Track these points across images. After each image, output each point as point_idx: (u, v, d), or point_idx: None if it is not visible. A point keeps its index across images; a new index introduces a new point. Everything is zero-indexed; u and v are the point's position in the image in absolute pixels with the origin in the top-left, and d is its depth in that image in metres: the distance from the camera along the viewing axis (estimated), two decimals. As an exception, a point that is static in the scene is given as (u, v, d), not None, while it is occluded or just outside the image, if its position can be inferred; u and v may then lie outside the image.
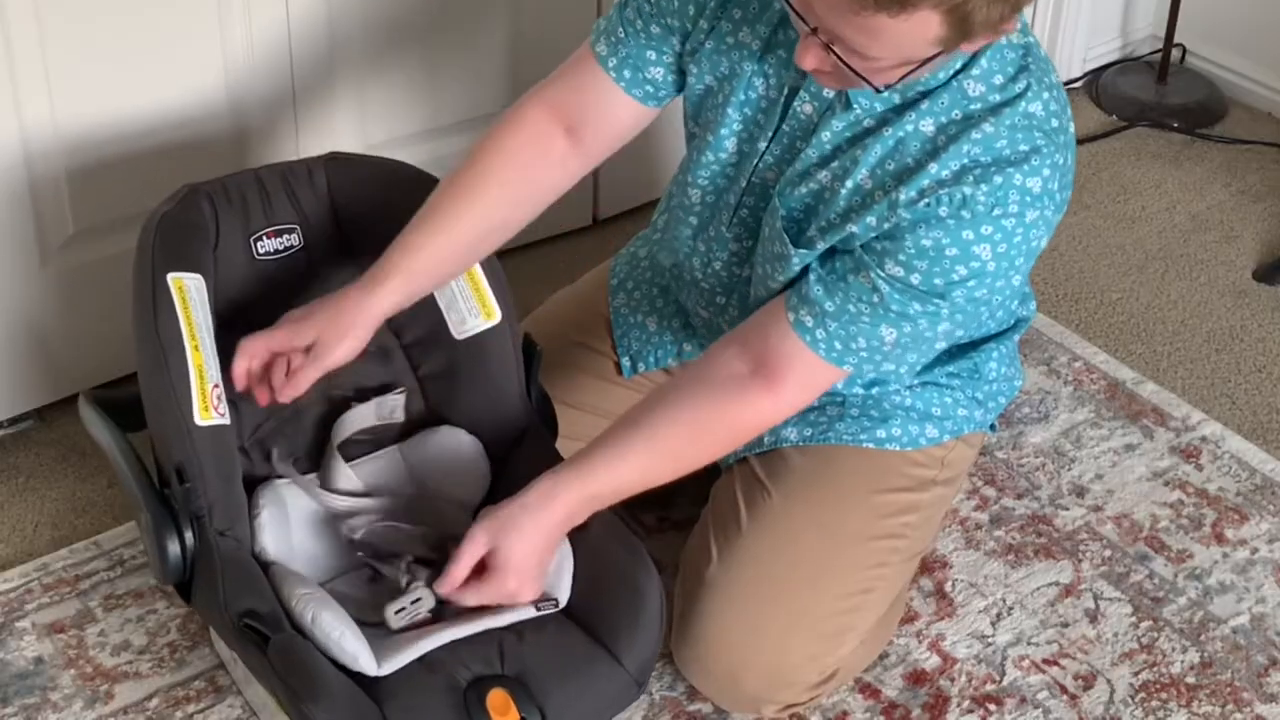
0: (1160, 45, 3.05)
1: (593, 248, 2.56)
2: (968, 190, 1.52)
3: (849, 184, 1.60)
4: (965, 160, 1.54)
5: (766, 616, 1.74)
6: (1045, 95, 1.56)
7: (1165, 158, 2.91)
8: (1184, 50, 3.09)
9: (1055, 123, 1.56)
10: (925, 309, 1.57)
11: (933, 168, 1.54)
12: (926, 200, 1.54)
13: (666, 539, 2.00)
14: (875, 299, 1.58)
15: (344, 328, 1.63)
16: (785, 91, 1.65)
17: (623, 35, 1.71)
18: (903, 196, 1.55)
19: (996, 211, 1.53)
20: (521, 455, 1.79)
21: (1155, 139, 2.96)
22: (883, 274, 1.57)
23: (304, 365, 1.63)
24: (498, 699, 1.55)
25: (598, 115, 1.75)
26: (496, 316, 1.79)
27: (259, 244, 1.77)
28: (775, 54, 1.65)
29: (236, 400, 1.74)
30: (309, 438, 1.82)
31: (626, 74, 1.73)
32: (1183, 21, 2.99)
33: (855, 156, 1.60)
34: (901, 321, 1.59)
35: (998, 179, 1.52)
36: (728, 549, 1.78)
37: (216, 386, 1.65)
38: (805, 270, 1.65)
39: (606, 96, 1.74)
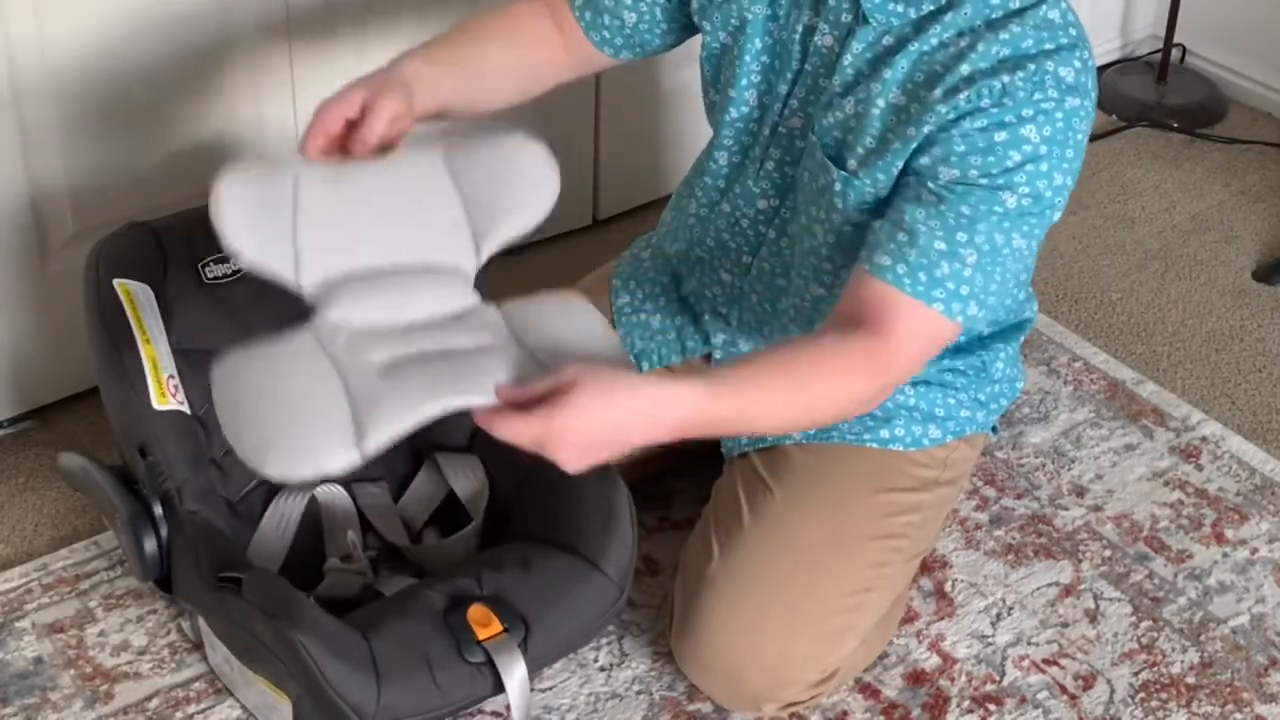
0: (1160, 45, 3.05)
1: (593, 248, 2.56)
2: (1005, 78, 1.55)
3: (881, 104, 1.62)
4: (995, 60, 1.57)
5: (768, 614, 1.74)
6: (1063, 4, 1.61)
7: (1165, 158, 2.91)
8: (1184, 50, 3.09)
9: (1074, 30, 1.60)
10: (992, 207, 1.56)
11: (964, 67, 1.57)
12: (966, 94, 1.56)
13: (666, 538, 2.00)
14: (942, 208, 1.56)
15: (383, 86, 1.64)
16: (801, 30, 1.67)
17: None
18: (937, 93, 1.57)
19: (1037, 96, 1.55)
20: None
21: (1155, 139, 2.96)
22: (940, 183, 1.57)
23: (363, 123, 1.62)
24: (478, 613, 1.57)
25: (573, 35, 1.82)
26: None
27: (207, 269, 1.81)
28: None
29: (205, 420, 1.77)
30: None
31: (589, 15, 1.79)
32: (1183, 21, 2.99)
33: (883, 77, 1.61)
34: (975, 228, 1.56)
35: (1032, 66, 1.55)
36: (729, 547, 1.78)
37: (172, 378, 1.69)
38: (860, 230, 1.66)
39: (574, 26, 1.81)
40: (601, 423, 1.41)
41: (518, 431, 1.41)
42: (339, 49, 2.20)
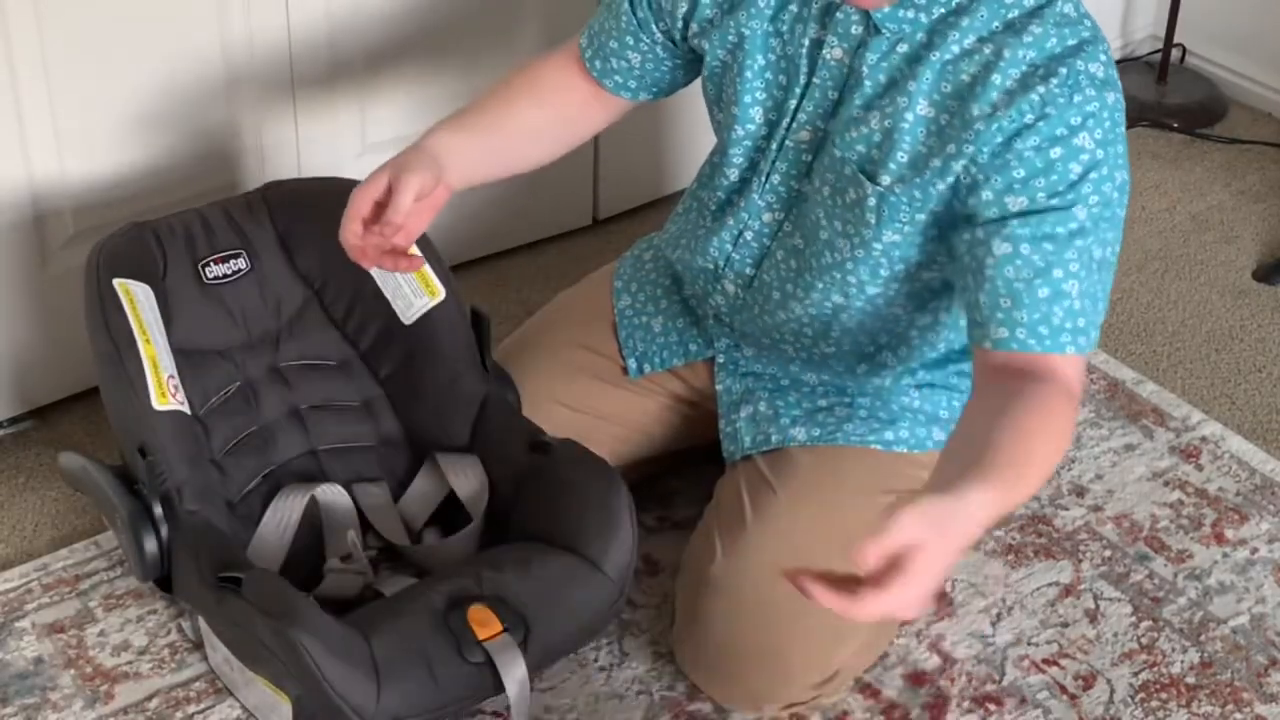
0: (1160, 45, 3.05)
1: (593, 248, 2.56)
2: (1041, 89, 1.55)
3: (910, 117, 1.61)
4: (1024, 66, 1.56)
5: (770, 614, 1.74)
6: None
7: (1165, 158, 2.91)
8: (1184, 50, 3.09)
9: (1089, 22, 1.60)
10: (1069, 227, 1.55)
11: (995, 78, 1.56)
12: (1006, 112, 1.55)
13: (667, 538, 2.00)
14: (1025, 252, 1.55)
15: (408, 162, 1.68)
16: (808, 43, 1.67)
17: (608, 26, 1.80)
18: (973, 110, 1.56)
19: (1077, 98, 1.55)
20: (487, 424, 1.84)
21: (1155, 139, 2.96)
22: (1012, 220, 1.56)
23: (390, 202, 1.65)
24: (478, 613, 1.58)
25: (599, 93, 1.86)
26: (440, 293, 1.84)
27: (207, 269, 1.83)
28: (788, 9, 1.67)
29: (204, 419, 1.77)
30: (278, 452, 1.84)
31: (598, 64, 1.82)
32: (1183, 21, 2.99)
33: (908, 90, 1.61)
34: (1064, 259, 1.55)
35: (1063, 70, 1.55)
36: (732, 546, 1.78)
37: (172, 378, 1.71)
38: (888, 247, 1.66)
39: (591, 80, 1.85)
40: (947, 564, 1.38)
41: (886, 608, 1.35)
42: (340, 58, 2.20)
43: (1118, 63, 3.10)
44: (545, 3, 2.34)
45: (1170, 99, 3.01)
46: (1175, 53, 3.07)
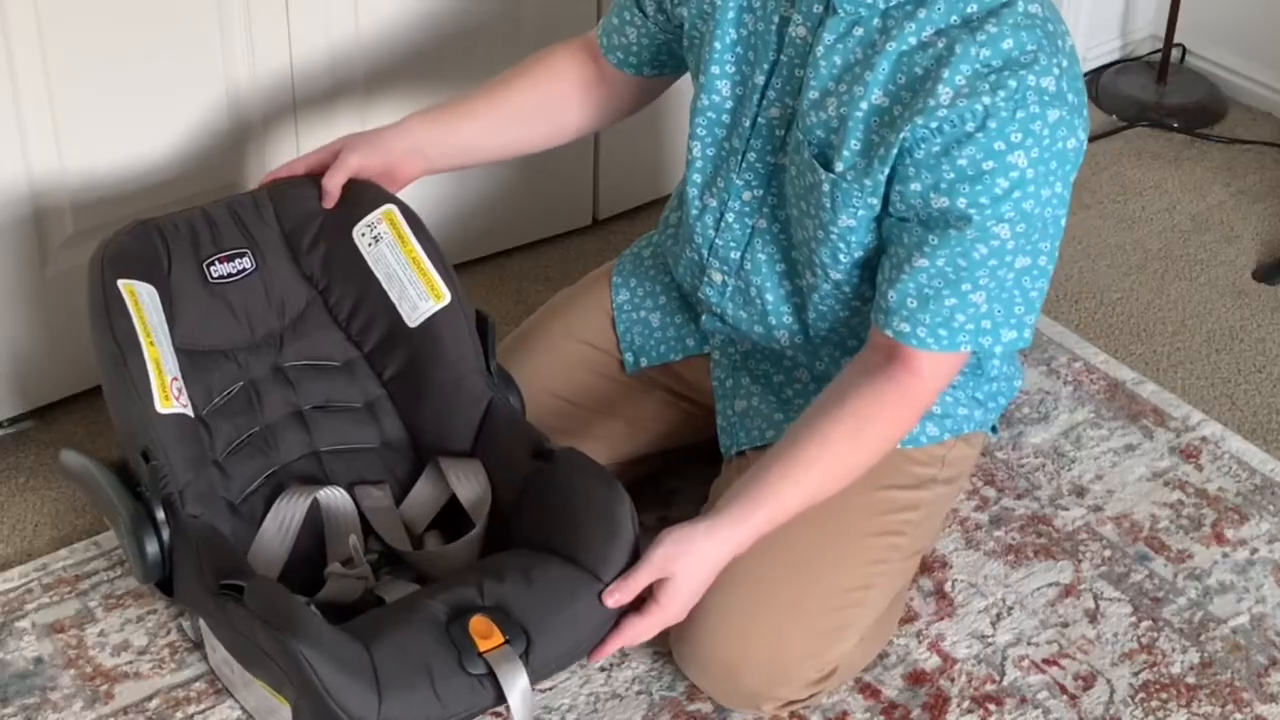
0: (1160, 45, 3.05)
1: (593, 248, 2.57)
2: (987, 100, 1.55)
3: (864, 106, 1.62)
4: (977, 64, 1.56)
5: (764, 611, 1.74)
6: None
7: (1165, 158, 2.91)
8: (1184, 50, 3.09)
9: (1052, 26, 1.60)
10: (989, 243, 1.59)
11: (945, 73, 1.56)
12: (948, 114, 1.56)
13: (667, 539, 2.00)
14: (940, 263, 1.60)
15: (360, 142, 1.86)
16: (777, 20, 1.68)
17: (615, 5, 1.87)
18: (918, 104, 1.57)
19: (1020, 114, 1.55)
20: (490, 429, 1.83)
21: (1155, 139, 2.96)
22: (931, 212, 1.59)
23: (331, 170, 1.84)
24: (480, 624, 1.57)
25: (604, 63, 1.91)
26: (446, 297, 1.83)
27: (212, 268, 1.83)
28: None
29: (206, 420, 1.78)
30: (280, 453, 1.84)
31: (604, 40, 1.88)
32: (1183, 21, 2.99)
33: (864, 79, 1.61)
34: (975, 276, 1.60)
35: (1012, 83, 1.55)
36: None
37: (175, 380, 1.70)
38: (846, 231, 1.68)
39: (602, 61, 1.92)
40: (703, 584, 1.64)
41: (645, 634, 1.64)
42: (340, 57, 2.20)
43: (1118, 63, 3.11)
44: (544, 25, 2.34)
45: (1170, 99, 3.01)
46: (1175, 53, 3.07)
